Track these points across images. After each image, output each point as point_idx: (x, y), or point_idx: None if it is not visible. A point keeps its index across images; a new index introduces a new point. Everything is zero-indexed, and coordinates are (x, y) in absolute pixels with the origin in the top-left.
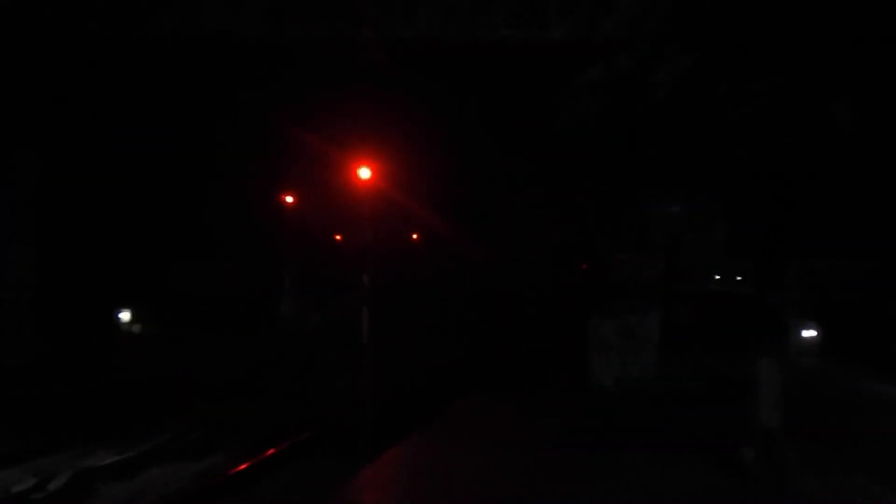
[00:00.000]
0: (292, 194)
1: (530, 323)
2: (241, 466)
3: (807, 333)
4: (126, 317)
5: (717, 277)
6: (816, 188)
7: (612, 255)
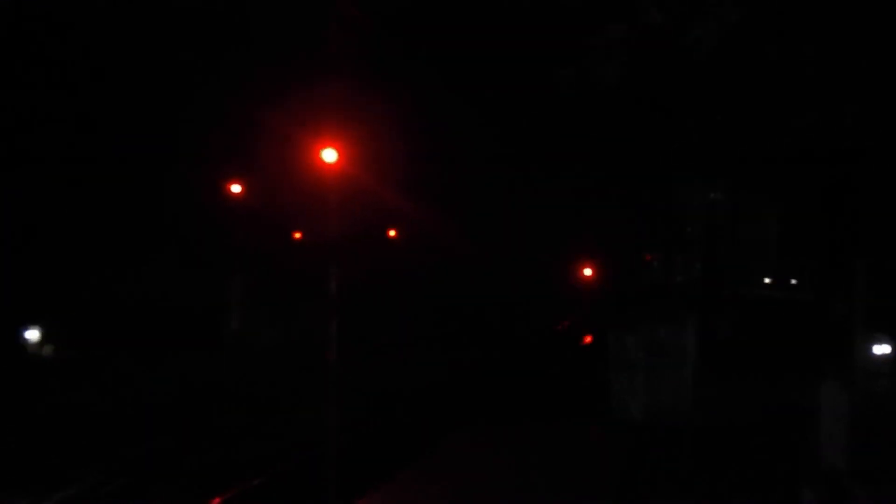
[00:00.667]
0: (242, 183)
1: (536, 334)
2: None
3: (879, 349)
4: (34, 336)
5: (766, 281)
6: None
7: (639, 254)
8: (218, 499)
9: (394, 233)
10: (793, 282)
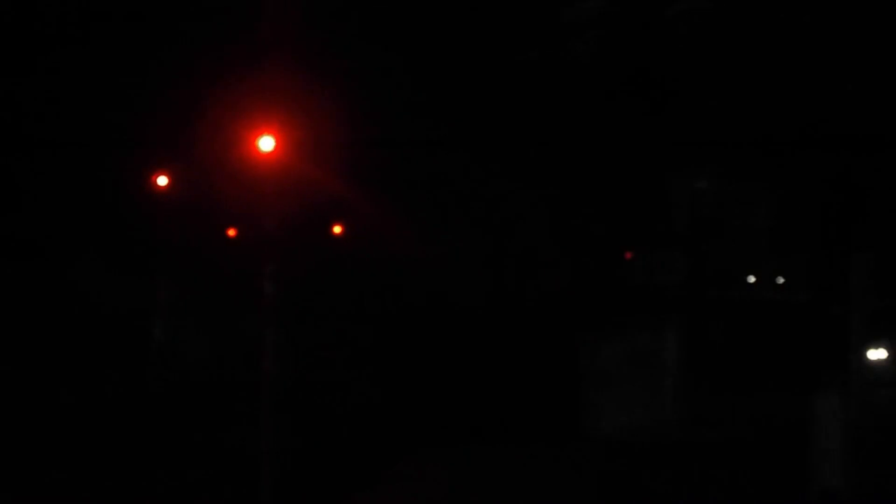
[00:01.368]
0: (169, 175)
1: (500, 344)
2: None
3: (874, 354)
4: None
5: (756, 280)
6: None
7: (617, 251)
8: None
9: (340, 230)
10: (779, 280)
